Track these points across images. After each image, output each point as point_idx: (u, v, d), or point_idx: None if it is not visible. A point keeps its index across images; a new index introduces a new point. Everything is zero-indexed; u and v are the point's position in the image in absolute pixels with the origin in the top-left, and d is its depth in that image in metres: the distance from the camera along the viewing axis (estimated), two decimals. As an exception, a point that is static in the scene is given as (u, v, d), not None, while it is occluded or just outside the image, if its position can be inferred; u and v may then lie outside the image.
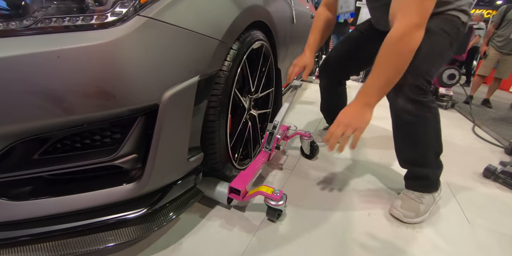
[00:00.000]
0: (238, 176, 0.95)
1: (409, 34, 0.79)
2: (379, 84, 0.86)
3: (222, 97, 0.82)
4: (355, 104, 0.89)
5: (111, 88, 0.55)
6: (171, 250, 0.80)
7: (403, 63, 0.82)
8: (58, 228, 0.65)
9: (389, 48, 0.82)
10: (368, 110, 0.87)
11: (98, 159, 0.64)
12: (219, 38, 0.75)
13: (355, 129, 0.86)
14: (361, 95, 0.88)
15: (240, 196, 0.89)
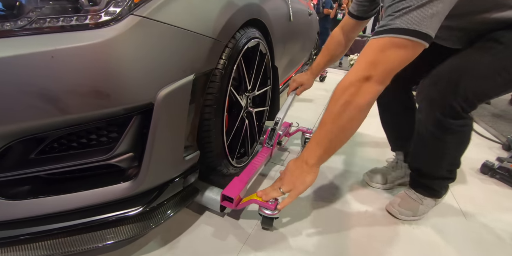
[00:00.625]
0: (231, 182, 0.92)
1: (355, 87, 0.69)
2: (319, 139, 0.76)
3: (218, 95, 0.82)
4: (297, 162, 0.81)
5: (105, 88, 0.55)
6: (168, 248, 0.80)
7: (347, 121, 0.72)
8: (56, 227, 0.65)
9: (333, 100, 0.73)
10: (308, 170, 0.77)
11: (95, 158, 0.64)
12: (214, 37, 0.76)
13: (291, 188, 0.79)
14: (304, 151, 0.80)
15: (233, 204, 0.87)
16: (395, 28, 0.65)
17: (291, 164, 0.82)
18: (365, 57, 0.71)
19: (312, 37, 2.95)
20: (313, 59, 3.59)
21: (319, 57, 1.32)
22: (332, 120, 0.73)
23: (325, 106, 2.43)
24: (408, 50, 0.66)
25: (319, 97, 2.77)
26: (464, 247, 0.92)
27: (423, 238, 0.95)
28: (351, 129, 0.74)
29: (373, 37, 0.71)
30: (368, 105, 0.71)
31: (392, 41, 0.66)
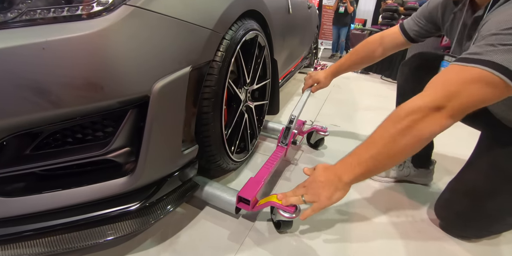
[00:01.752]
0: (247, 183, 0.89)
1: (422, 114, 0.60)
2: (363, 158, 0.67)
3: (216, 88, 0.81)
4: (330, 172, 0.71)
5: (98, 80, 0.54)
6: (168, 243, 0.79)
7: (402, 147, 0.63)
8: (54, 223, 0.64)
9: (392, 121, 0.64)
10: (340, 186, 0.69)
11: (90, 153, 0.63)
12: (211, 28, 0.74)
13: (314, 200, 0.70)
14: (340, 164, 0.71)
15: (249, 206, 0.83)
16: (494, 62, 0.56)
17: (321, 173, 0.72)
18: (444, 84, 0.61)
19: (311, 30, 2.92)
20: (313, 53, 3.56)
21: (344, 59, 1.23)
22: (385, 144, 0.64)
23: (325, 99, 2.40)
24: (496, 90, 0.57)
25: (319, 91, 2.72)
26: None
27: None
28: (402, 157, 0.65)
29: (460, 63, 0.61)
30: (430, 137, 0.63)
31: (483, 75, 0.57)
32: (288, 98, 2.36)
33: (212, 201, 0.92)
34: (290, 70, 2.29)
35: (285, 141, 1.13)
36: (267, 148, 1.42)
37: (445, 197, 0.95)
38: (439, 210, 0.96)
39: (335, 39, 6.17)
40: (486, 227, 0.86)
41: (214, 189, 0.90)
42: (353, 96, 2.68)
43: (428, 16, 0.98)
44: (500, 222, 0.84)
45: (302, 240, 0.85)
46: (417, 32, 1.03)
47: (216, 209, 0.94)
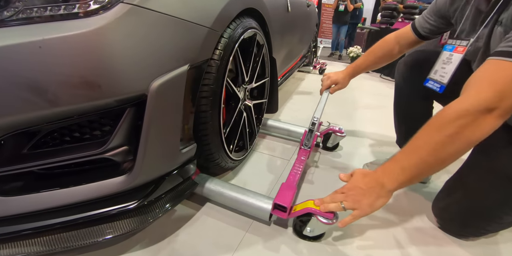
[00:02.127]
0: (280, 189, 0.87)
1: (471, 118, 0.57)
2: (407, 165, 0.64)
3: (214, 86, 0.81)
4: (370, 179, 0.69)
5: (96, 78, 0.54)
6: (167, 242, 0.79)
7: (449, 152, 0.60)
8: (52, 222, 0.64)
9: (437, 126, 0.62)
10: (382, 193, 0.67)
11: (88, 152, 0.63)
12: (208, 26, 0.73)
13: (355, 207, 0.68)
14: (382, 171, 0.69)
15: (286, 213, 0.81)
16: None
17: (360, 180, 0.70)
18: (492, 84, 0.57)
19: (311, 29, 2.91)
20: (312, 52, 3.55)
21: (362, 59, 1.23)
22: (431, 150, 0.61)
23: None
24: None
25: (318, 89, 2.73)
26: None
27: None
28: (449, 163, 0.62)
29: (503, 58, 0.58)
30: (480, 140, 0.59)
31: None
32: (287, 97, 2.36)
33: (240, 208, 0.90)
34: (289, 68, 2.29)
35: (308, 143, 1.11)
36: (266, 147, 1.42)
37: (443, 196, 0.95)
38: (437, 209, 0.96)
39: (335, 37, 6.16)
40: (483, 226, 0.86)
41: (241, 195, 0.88)
42: (353, 95, 2.68)
43: (437, 11, 0.99)
44: (498, 221, 0.85)
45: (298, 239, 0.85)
46: (428, 29, 1.03)
47: (216, 206, 0.94)
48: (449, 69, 0.84)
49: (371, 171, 0.71)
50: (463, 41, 0.83)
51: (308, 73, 3.54)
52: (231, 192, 0.90)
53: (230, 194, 0.89)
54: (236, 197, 0.89)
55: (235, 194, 0.89)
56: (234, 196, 0.89)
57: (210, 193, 0.92)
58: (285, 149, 1.42)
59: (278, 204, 0.82)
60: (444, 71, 0.86)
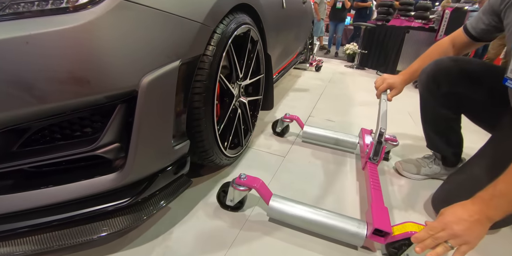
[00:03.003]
0: (373, 212, 0.79)
1: None
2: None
3: (207, 83, 0.80)
4: (473, 211, 0.67)
5: (84, 74, 0.53)
6: (161, 239, 0.79)
7: None
8: (44, 221, 0.63)
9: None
10: (487, 224, 0.66)
11: (79, 150, 0.62)
12: (200, 21, 0.72)
13: (464, 242, 0.65)
14: (484, 204, 0.67)
15: (384, 239, 0.75)
16: None
17: (462, 213, 0.68)
18: None
19: (307, 26, 2.90)
20: (308, 49, 3.55)
21: (417, 64, 1.16)
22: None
23: (320, 94, 2.39)
24: None
25: (315, 86, 2.74)
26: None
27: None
28: None
29: None
30: None
31: None
32: (283, 94, 2.35)
33: (328, 233, 0.82)
34: (285, 65, 2.28)
35: (376, 157, 1.02)
36: (261, 143, 1.42)
37: (444, 190, 0.95)
38: (437, 203, 0.96)
39: (332, 34, 6.15)
40: None
41: (329, 220, 0.80)
42: (348, 91, 2.69)
43: (490, 10, 0.96)
44: None
45: (294, 234, 0.85)
46: (480, 30, 1.01)
47: (211, 204, 0.94)
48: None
49: (468, 203, 0.70)
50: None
51: (304, 70, 3.54)
52: (315, 217, 0.81)
53: (314, 218, 0.81)
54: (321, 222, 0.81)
55: (321, 219, 0.81)
56: (319, 221, 0.81)
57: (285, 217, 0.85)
58: (280, 146, 1.42)
59: (380, 230, 0.74)
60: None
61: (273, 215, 0.86)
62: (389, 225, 0.75)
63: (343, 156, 1.38)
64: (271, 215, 0.88)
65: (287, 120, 1.48)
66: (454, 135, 1.13)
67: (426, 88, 1.10)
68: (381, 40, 4.08)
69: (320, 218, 0.81)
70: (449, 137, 1.14)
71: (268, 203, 0.84)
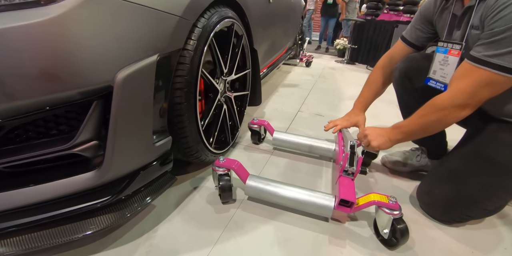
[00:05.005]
0: (341, 185, 0.87)
1: (449, 111, 0.80)
2: (406, 130, 0.92)
3: (188, 78, 0.78)
4: (384, 130, 0.97)
5: (55, 70, 0.51)
6: (145, 238, 0.78)
7: (432, 129, 0.87)
8: (19, 222, 0.61)
9: (428, 110, 0.85)
10: (388, 141, 0.95)
11: (55, 148, 0.60)
12: (179, 14, 0.71)
13: (368, 142, 0.98)
14: (391, 129, 0.96)
15: (351, 209, 0.82)
16: (503, 66, 0.71)
17: (376, 129, 1.00)
18: (465, 87, 0.78)
19: (296, 21, 2.89)
20: (298, 44, 3.54)
21: (367, 92, 1.24)
22: (420, 128, 0.88)
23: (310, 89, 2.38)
24: (505, 85, 0.74)
25: (305, 81, 2.74)
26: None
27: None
28: (430, 133, 0.90)
29: (475, 64, 0.75)
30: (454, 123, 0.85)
31: (494, 77, 0.73)
32: (273, 89, 2.34)
33: (298, 206, 0.88)
34: (274, 60, 2.27)
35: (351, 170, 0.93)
36: (249, 140, 1.41)
37: (427, 182, 0.97)
38: (420, 193, 0.98)
39: (323, 30, 6.15)
40: (465, 212, 0.88)
41: (300, 194, 0.87)
42: (338, 86, 2.69)
43: (423, 19, 1.05)
44: (480, 206, 0.86)
45: (271, 210, 0.84)
46: (419, 37, 1.09)
47: (195, 200, 0.93)
48: (448, 70, 0.93)
49: (386, 128, 0.98)
50: (456, 45, 0.90)
51: (294, 66, 3.53)
52: (287, 192, 0.88)
53: (286, 193, 0.88)
54: (292, 197, 0.87)
55: (293, 194, 0.87)
56: (291, 196, 0.87)
57: (261, 194, 0.91)
58: (268, 141, 1.41)
59: (344, 200, 0.81)
60: (444, 72, 0.95)
61: (250, 193, 0.93)
62: (353, 196, 0.82)
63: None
64: (249, 194, 0.94)
65: (254, 126, 1.33)
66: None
67: (400, 84, 1.13)
68: (371, 35, 4.09)
69: (293, 194, 0.87)
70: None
71: (245, 182, 0.91)
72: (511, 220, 0.98)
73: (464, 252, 0.82)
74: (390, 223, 0.77)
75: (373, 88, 1.22)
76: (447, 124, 0.85)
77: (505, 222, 0.96)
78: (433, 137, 1.13)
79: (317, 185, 1.09)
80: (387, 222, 0.78)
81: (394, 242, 0.79)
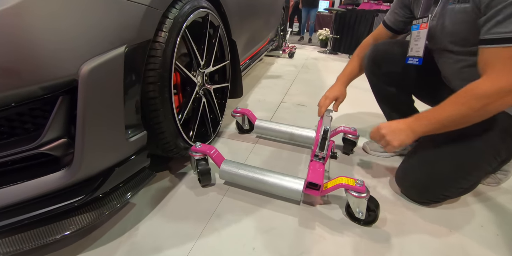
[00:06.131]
0: (310, 168, 0.90)
1: (491, 99, 0.71)
2: (435, 122, 0.80)
3: (161, 71, 0.76)
4: (403, 123, 0.86)
5: (12, 64, 0.48)
6: (127, 236, 0.76)
7: (473, 119, 0.76)
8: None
9: (466, 100, 0.74)
10: (410, 135, 0.83)
11: (21, 148, 0.57)
12: (146, 3, 0.68)
13: (388, 143, 0.85)
14: (414, 119, 0.85)
15: (319, 191, 0.85)
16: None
17: (392, 124, 0.87)
18: (507, 71, 0.70)
19: (277, 12, 2.85)
20: (280, 36, 3.51)
21: (350, 66, 1.25)
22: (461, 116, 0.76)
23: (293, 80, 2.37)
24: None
25: (288, 72, 2.73)
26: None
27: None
28: (470, 123, 0.78)
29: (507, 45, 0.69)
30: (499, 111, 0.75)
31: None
32: (255, 81, 2.32)
33: (271, 189, 0.90)
34: (255, 52, 2.24)
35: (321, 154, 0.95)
36: (232, 132, 1.39)
37: (403, 166, 0.99)
38: (398, 179, 1.00)
39: (305, 21, 6.12)
40: (441, 192, 0.90)
41: (273, 178, 0.89)
42: (321, 76, 2.69)
43: (401, 4, 1.07)
44: (455, 186, 0.88)
45: (266, 216, 0.84)
46: (397, 22, 1.12)
47: (176, 197, 0.92)
48: (420, 44, 0.94)
49: (402, 119, 0.87)
50: (424, 19, 0.93)
51: (277, 57, 3.51)
52: (258, 175, 0.91)
53: (257, 177, 0.90)
54: (264, 180, 0.90)
55: (265, 178, 0.90)
56: (261, 179, 0.90)
57: (235, 178, 0.94)
58: (251, 133, 1.40)
59: (312, 183, 0.84)
60: (418, 46, 0.96)
61: (224, 177, 0.96)
62: (321, 179, 0.85)
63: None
64: (223, 178, 0.96)
65: (237, 114, 1.33)
66: (409, 111, 1.19)
67: (370, 70, 1.17)
68: (352, 24, 4.10)
69: (264, 177, 0.90)
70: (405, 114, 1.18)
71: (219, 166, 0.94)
72: (485, 197, 1.01)
73: (442, 232, 0.84)
74: (362, 205, 0.82)
75: (357, 64, 1.23)
76: (491, 113, 0.75)
77: (479, 199, 1.00)
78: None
79: (295, 171, 1.11)
80: (357, 204, 0.82)
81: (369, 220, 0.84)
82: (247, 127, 1.38)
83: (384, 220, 0.87)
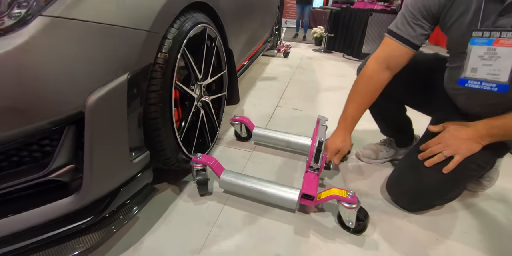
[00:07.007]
0: (305, 180, 0.95)
1: None
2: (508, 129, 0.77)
3: (161, 92, 0.78)
4: (472, 130, 0.82)
5: (19, 104, 0.50)
6: (132, 250, 0.79)
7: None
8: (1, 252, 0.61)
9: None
10: (480, 143, 0.82)
11: (31, 176, 0.60)
12: (147, 29, 0.69)
13: (454, 152, 0.82)
14: (485, 126, 0.81)
15: (312, 202, 0.89)
16: None
17: (456, 130, 0.85)
18: None
19: (272, 12, 2.85)
20: (275, 35, 3.51)
21: (351, 108, 1.05)
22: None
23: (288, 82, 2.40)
24: None
25: (283, 74, 2.75)
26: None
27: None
28: None
29: None
30: None
31: None
32: (251, 84, 2.34)
33: (269, 199, 0.95)
34: (250, 56, 2.25)
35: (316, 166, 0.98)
36: (229, 140, 1.43)
37: (394, 176, 1.03)
38: (389, 188, 1.04)
39: (299, 17, 6.10)
40: (430, 202, 0.96)
41: (270, 188, 0.94)
42: (316, 77, 2.72)
43: (423, 12, 0.88)
44: (443, 197, 0.94)
45: (265, 226, 0.89)
46: (421, 36, 0.92)
47: (178, 209, 0.95)
48: (501, 65, 0.74)
49: (467, 124, 0.85)
50: (508, 33, 0.71)
51: (273, 57, 3.52)
52: (256, 186, 0.95)
53: (255, 187, 0.95)
54: (262, 191, 0.94)
55: (262, 188, 0.95)
56: (259, 189, 0.95)
57: (234, 188, 0.99)
58: (249, 141, 1.43)
59: (306, 194, 0.89)
60: (493, 68, 0.76)
61: (224, 186, 1.02)
62: (315, 190, 0.90)
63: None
64: (223, 187, 1.03)
65: (235, 122, 1.35)
66: (400, 118, 1.24)
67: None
68: (346, 23, 4.11)
69: (262, 187, 0.95)
70: (396, 121, 1.25)
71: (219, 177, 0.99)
72: (468, 203, 1.07)
73: (429, 239, 0.90)
74: (352, 215, 0.87)
75: (357, 101, 1.03)
76: None
77: (463, 205, 1.06)
78: (399, 127, 1.25)
79: (291, 179, 1.16)
80: (348, 214, 0.88)
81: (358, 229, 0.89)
82: (245, 135, 1.42)
83: (374, 227, 0.92)
